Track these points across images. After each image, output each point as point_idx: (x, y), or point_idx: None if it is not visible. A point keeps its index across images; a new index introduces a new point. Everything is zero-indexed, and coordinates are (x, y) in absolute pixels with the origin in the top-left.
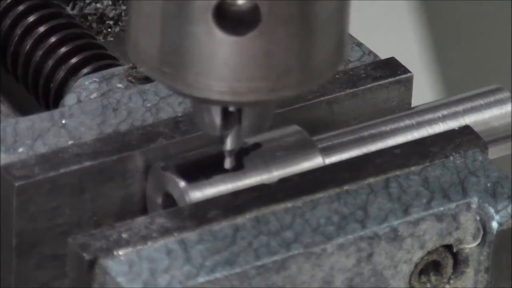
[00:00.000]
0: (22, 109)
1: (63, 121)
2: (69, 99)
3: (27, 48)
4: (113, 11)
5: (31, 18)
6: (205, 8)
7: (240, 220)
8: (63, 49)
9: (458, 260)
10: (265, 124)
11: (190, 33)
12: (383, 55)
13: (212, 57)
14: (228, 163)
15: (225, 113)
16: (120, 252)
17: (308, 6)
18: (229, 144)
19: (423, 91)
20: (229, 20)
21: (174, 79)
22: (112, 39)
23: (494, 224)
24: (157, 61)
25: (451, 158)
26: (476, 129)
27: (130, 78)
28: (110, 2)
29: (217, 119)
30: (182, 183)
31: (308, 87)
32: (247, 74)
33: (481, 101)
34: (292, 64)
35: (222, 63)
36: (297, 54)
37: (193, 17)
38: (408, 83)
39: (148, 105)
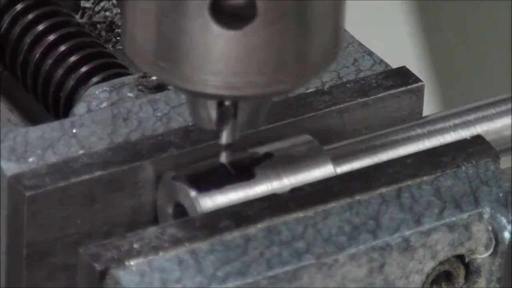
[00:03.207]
0: (32, 118)
1: (74, 131)
2: (79, 108)
3: (37, 57)
4: (122, 19)
5: (40, 27)
6: (201, 2)
7: (251, 230)
8: (72, 58)
9: (470, 270)
10: (261, 119)
11: (186, 27)
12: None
13: (208, 51)
14: (223, 157)
15: (221, 107)
16: (132, 263)
17: (304, 1)
18: (224, 138)
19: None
20: (225, 15)
21: (170, 73)
22: (121, 47)
23: (506, 234)
24: (153, 56)
25: (463, 167)
26: (487, 138)
27: (140, 87)
28: (119, 10)
29: (213, 113)
30: (193, 193)
31: (304, 82)
32: (243, 68)
33: (493, 110)
34: (288, 58)
35: (218, 57)
36: (293, 48)
37: (189, 11)
38: (419, 92)
39: (159, 114)
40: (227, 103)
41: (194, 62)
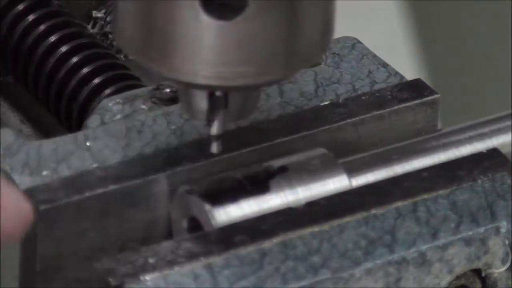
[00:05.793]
0: (43, 130)
1: (87, 144)
2: (93, 120)
3: (49, 68)
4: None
5: (52, 38)
6: None
7: (267, 244)
8: (85, 70)
9: (487, 285)
10: (251, 109)
11: (176, 17)
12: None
13: (199, 42)
14: (214, 148)
15: (212, 97)
16: (147, 277)
17: None
18: (215, 129)
19: None
20: (215, 5)
21: (161, 64)
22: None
23: None
24: (143, 46)
25: (479, 181)
26: (503, 150)
27: (154, 99)
28: None
29: (204, 104)
30: (207, 206)
31: (294, 72)
32: (234, 58)
33: (508, 123)
34: (278, 49)
35: (208, 47)
36: (283, 39)
37: (180, 1)
38: (434, 105)
39: (173, 127)
40: (217, 93)
41: (184, 53)
